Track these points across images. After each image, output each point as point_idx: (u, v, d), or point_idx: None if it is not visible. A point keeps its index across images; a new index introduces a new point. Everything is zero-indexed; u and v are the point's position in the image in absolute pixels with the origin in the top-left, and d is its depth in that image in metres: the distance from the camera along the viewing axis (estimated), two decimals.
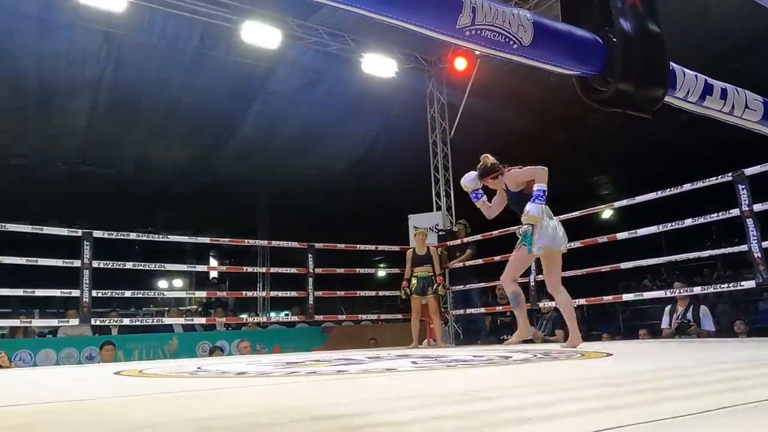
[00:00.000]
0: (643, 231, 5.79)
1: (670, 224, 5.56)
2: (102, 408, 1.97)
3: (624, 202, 6.14)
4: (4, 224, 5.72)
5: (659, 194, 5.57)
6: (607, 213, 12.05)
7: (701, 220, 5.39)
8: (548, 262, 4.28)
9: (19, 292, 5.96)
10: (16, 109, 8.46)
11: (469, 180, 4.61)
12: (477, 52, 8.16)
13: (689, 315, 6.21)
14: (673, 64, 1.55)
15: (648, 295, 7.50)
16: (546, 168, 4.29)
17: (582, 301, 7.29)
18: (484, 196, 4.61)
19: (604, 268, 6.17)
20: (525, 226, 4.28)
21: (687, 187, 5.38)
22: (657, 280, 10.78)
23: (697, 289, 6.00)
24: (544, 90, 8.32)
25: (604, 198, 11.00)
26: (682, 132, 9.14)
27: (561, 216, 6.62)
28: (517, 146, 9.69)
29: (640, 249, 7.07)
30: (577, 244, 6.39)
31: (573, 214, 6.49)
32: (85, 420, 1.67)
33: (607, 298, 6.74)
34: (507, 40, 1.30)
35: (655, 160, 10.42)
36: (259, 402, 2.04)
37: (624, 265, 6.13)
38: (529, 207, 4.11)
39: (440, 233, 8.25)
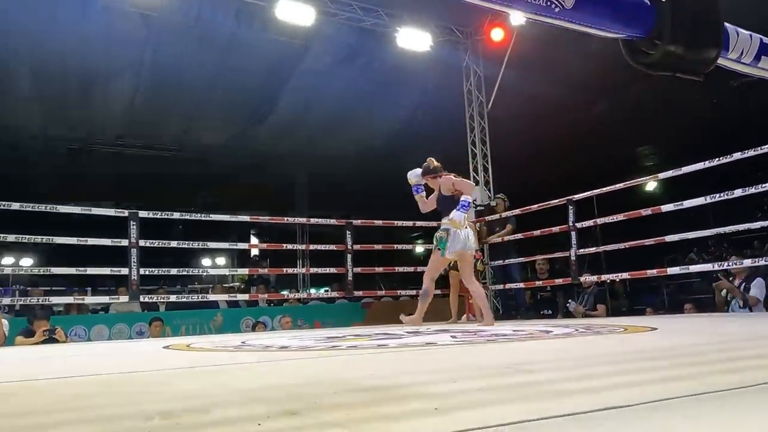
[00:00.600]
0: (689, 203, 5.60)
1: (718, 195, 5.35)
2: (154, 380, 2.05)
3: (669, 173, 5.93)
4: (55, 206, 5.96)
5: (707, 164, 5.37)
6: (651, 185, 11.69)
7: (752, 190, 5.16)
8: (462, 263, 5.05)
9: (72, 270, 6.21)
10: (59, 93, 8.72)
11: (414, 175, 5.30)
12: (514, 23, 7.96)
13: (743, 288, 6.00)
14: (726, 24, 1.47)
15: (695, 268, 7.29)
16: (474, 185, 5.19)
17: (624, 275, 7.15)
18: (424, 191, 5.28)
19: (648, 241, 6.00)
20: (440, 232, 4.94)
21: (737, 155, 5.15)
22: (704, 254, 10.46)
23: (747, 262, 5.77)
24: (584, 59, 8.07)
25: (647, 170, 10.67)
26: (731, 98, 8.75)
27: (602, 189, 6.50)
28: (557, 117, 9.48)
29: (685, 222, 6.86)
30: (619, 217, 6.25)
31: (615, 186, 6.33)
32: (140, 391, 1.75)
33: (651, 272, 6.58)
34: (549, 3, 1.25)
35: (702, 129, 10.04)
36: (302, 374, 2.08)
37: (669, 238, 5.96)
38: (454, 214, 4.73)
39: (478, 208, 8.17)
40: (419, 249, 9.99)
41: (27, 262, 13.30)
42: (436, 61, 8.67)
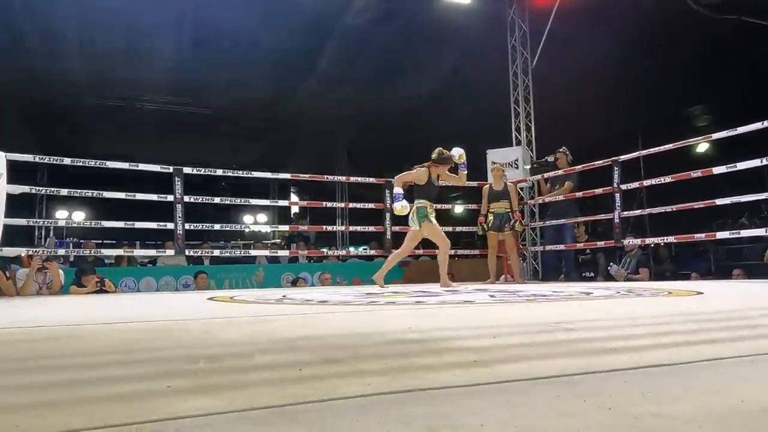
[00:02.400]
0: (743, 165, 5.34)
1: None
2: (201, 327, 2.13)
3: (723, 134, 5.66)
4: (104, 162, 6.14)
5: (765, 124, 5.09)
6: (702, 146, 11.20)
7: None
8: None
9: (120, 224, 6.44)
10: (105, 51, 8.86)
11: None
12: None
13: None
14: None
15: (746, 233, 7.01)
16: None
17: (670, 239, 6.95)
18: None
19: (697, 204, 5.79)
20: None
21: None
22: (756, 218, 10.04)
23: None
24: (636, 10, 7.67)
25: (699, 130, 10.21)
26: None
27: (650, 150, 6.26)
28: (604, 74, 9.11)
29: (738, 185, 6.56)
30: (667, 179, 6.04)
31: (663, 147, 6.09)
32: (186, 337, 1.82)
33: (699, 236, 6.35)
34: None
35: (760, 87, 9.48)
36: (342, 326, 2.12)
37: (720, 201, 5.73)
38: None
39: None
40: (458, 209, 9.90)
41: (79, 216, 13.84)
42: (480, 17, 8.39)
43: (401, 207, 5.39)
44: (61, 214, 14.24)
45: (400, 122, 11.59)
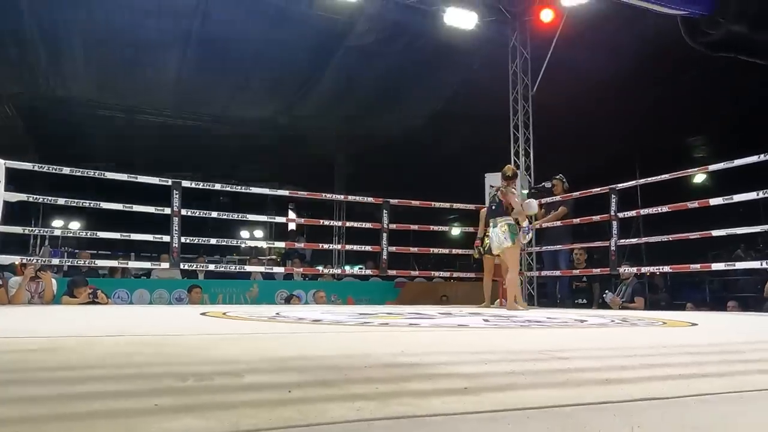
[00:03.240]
0: (740, 197, 5.38)
1: None
2: (192, 343, 2.11)
3: (721, 165, 5.70)
4: (103, 172, 6.15)
5: (762, 157, 5.13)
6: (699, 177, 11.27)
7: None
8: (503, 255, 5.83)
9: (116, 235, 6.42)
10: (110, 63, 8.93)
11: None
12: (564, 3, 7.71)
13: None
14: None
15: (741, 265, 7.03)
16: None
17: (666, 269, 6.96)
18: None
19: (693, 235, 5.81)
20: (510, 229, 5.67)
21: None
22: (752, 251, 10.07)
23: None
24: (638, 42, 7.77)
25: (697, 161, 10.28)
26: None
27: (647, 179, 6.30)
28: (604, 103, 9.19)
29: (734, 216, 6.60)
30: (664, 208, 6.06)
31: (661, 177, 6.13)
32: (177, 353, 1.80)
33: (695, 267, 6.36)
34: None
35: (757, 121, 9.57)
36: (334, 347, 2.11)
37: (716, 233, 5.74)
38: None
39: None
40: (455, 231, 9.91)
41: (75, 225, 13.79)
42: (482, 42, 8.49)
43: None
44: (56, 223, 14.19)
45: (400, 142, 11.66)
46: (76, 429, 0.81)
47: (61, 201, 6.15)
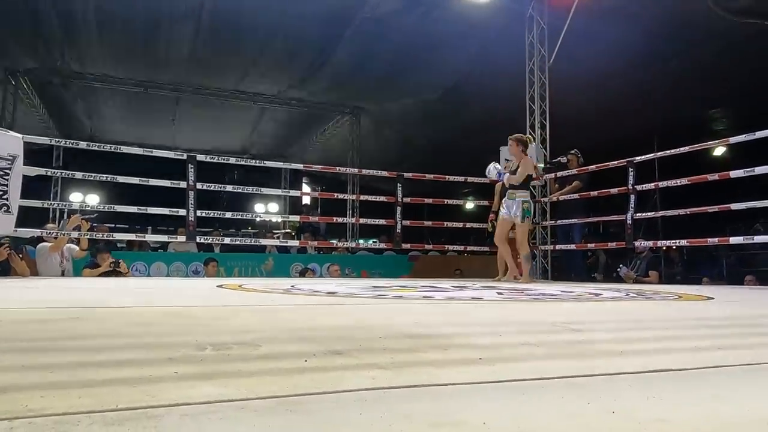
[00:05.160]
0: (761, 169, 5.28)
1: None
2: (208, 314, 2.15)
3: (742, 138, 5.58)
4: (119, 147, 6.19)
5: None
6: (718, 150, 11.07)
7: None
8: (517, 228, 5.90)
9: (133, 209, 6.49)
10: (124, 38, 8.91)
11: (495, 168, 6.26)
12: None
13: None
14: None
15: (759, 239, 6.95)
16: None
17: (682, 242, 6.90)
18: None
19: (712, 208, 5.73)
20: (525, 204, 5.79)
21: None
22: None
23: None
24: (660, 10, 7.56)
25: (717, 134, 10.08)
26: None
27: (665, 152, 6.20)
28: (622, 75, 9.01)
29: (754, 190, 6.48)
30: (683, 181, 5.98)
31: (679, 149, 6.02)
32: (194, 323, 1.83)
33: (712, 240, 6.29)
34: None
35: None
36: (348, 318, 2.13)
37: (735, 206, 5.66)
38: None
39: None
40: (469, 205, 9.87)
41: (93, 199, 13.96)
42: (499, 11, 8.32)
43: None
44: (75, 197, 14.36)
45: (415, 116, 11.57)
46: (99, 395, 0.83)
47: (78, 175, 6.22)
